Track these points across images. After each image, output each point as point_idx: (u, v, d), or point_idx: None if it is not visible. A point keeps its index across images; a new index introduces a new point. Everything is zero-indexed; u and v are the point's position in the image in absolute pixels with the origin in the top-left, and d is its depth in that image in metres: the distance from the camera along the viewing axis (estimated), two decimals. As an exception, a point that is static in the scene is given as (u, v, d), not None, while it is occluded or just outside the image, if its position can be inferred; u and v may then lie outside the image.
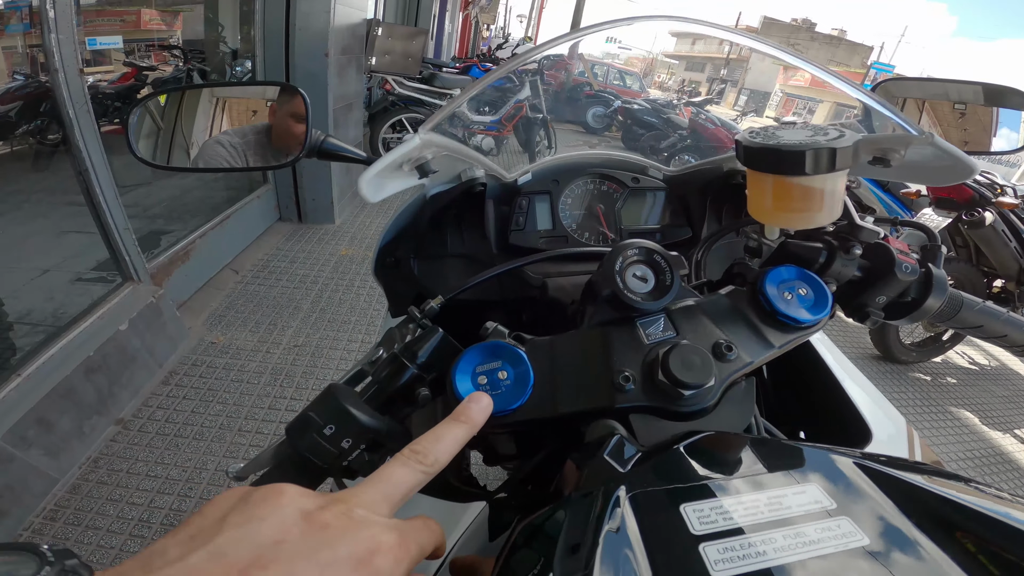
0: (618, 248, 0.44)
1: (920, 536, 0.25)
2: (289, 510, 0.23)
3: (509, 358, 0.40)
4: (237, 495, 0.25)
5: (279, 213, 3.58)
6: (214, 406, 1.94)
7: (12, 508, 1.43)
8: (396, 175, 0.58)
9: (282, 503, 0.24)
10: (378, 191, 0.55)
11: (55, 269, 2.17)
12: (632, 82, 10.21)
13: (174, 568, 0.20)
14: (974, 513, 0.27)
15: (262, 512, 0.23)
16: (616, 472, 0.32)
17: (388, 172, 0.55)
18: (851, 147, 0.41)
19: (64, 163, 1.81)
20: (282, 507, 0.23)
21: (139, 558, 0.21)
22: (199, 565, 0.20)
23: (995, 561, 0.24)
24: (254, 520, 0.23)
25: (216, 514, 0.23)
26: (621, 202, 0.75)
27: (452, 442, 0.31)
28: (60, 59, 1.60)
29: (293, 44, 3.08)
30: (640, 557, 0.25)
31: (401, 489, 0.28)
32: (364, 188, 0.52)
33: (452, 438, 0.31)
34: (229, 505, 0.24)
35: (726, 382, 0.39)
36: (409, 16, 7.73)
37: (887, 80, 1.18)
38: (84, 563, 0.20)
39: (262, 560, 0.21)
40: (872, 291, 0.51)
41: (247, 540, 0.22)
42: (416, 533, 0.26)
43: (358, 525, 0.24)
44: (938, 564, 0.24)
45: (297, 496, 0.25)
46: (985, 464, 2.40)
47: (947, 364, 3.21)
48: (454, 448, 0.31)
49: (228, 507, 0.24)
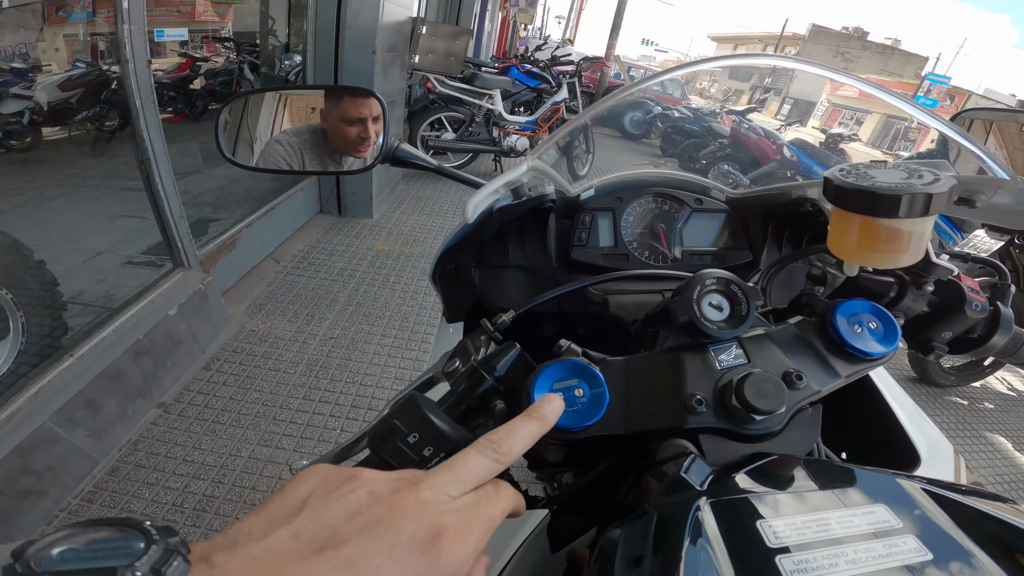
0: (697, 277, 0.45)
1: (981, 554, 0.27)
2: (362, 492, 0.25)
3: (586, 377, 0.41)
4: (319, 476, 0.26)
5: (320, 206, 3.64)
6: (251, 394, 1.98)
7: (52, 489, 1.46)
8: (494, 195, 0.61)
9: (356, 485, 0.25)
10: (477, 211, 0.58)
11: (108, 252, 2.26)
12: (673, 88, 10.06)
13: (257, 545, 0.22)
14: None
15: (339, 493, 0.25)
16: (694, 488, 0.34)
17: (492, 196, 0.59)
18: (947, 193, 0.40)
19: (120, 149, 1.88)
20: (356, 489, 0.25)
21: (227, 535, 0.23)
22: (279, 544, 0.22)
23: None
24: (331, 502, 0.24)
25: (298, 494, 0.25)
26: (682, 222, 0.75)
27: (526, 436, 0.32)
28: (131, 49, 1.64)
29: (343, 40, 3.12)
30: (724, 565, 0.27)
31: (474, 474, 0.28)
32: (470, 211, 0.56)
33: (526, 433, 0.32)
34: (310, 487, 0.25)
35: (793, 408, 0.40)
36: (451, 15, 7.80)
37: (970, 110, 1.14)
38: (183, 541, 0.21)
39: (335, 540, 0.22)
40: (939, 326, 0.53)
41: (322, 521, 0.23)
42: (484, 507, 0.27)
43: (424, 507, 0.24)
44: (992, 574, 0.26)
45: (371, 479, 0.26)
46: (1015, 489, 2.36)
47: (985, 389, 3.13)
48: (527, 443, 0.32)
49: (309, 489, 0.25)
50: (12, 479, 1.35)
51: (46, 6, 2.12)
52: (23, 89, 2.15)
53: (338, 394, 2.04)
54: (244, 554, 0.21)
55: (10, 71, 2.09)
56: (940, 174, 0.42)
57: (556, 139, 0.61)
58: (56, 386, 1.49)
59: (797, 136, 6.56)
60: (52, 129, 2.45)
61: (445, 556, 0.23)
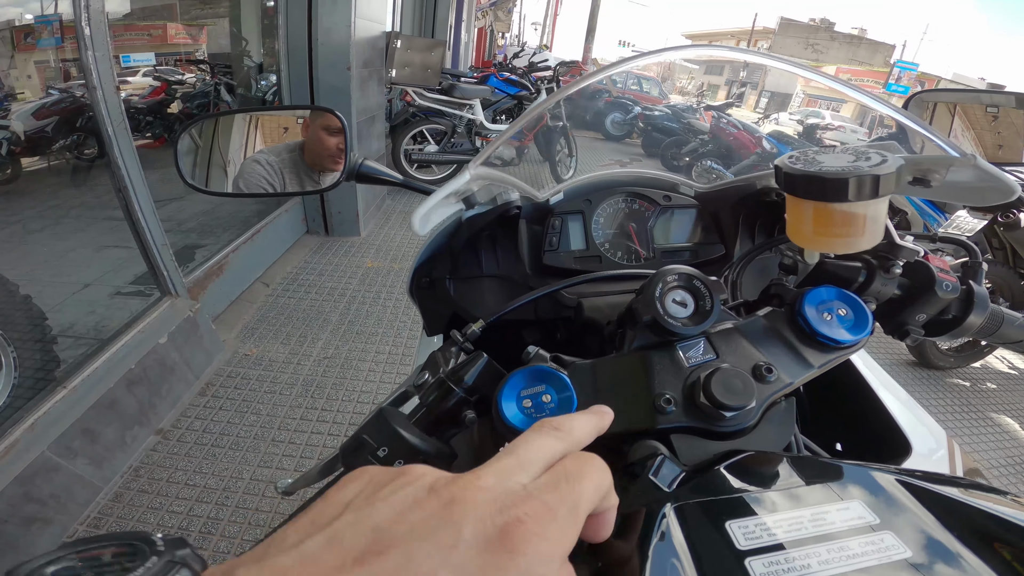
0: (658, 274, 0.45)
1: (961, 547, 0.26)
2: (412, 488, 0.21)
3: (553, 383, 0.41)
4: (366, 478, 0.23)
5: (306, 226, 3.64)
6: (248, 416, 1.98)
7: (57, 516, 1.47)
8: (442, 206, 0.60)
9: (407, 480, 0.22)
10: (426, 223, 0.57)
11: (95, 283, 2.24)
12: (650, 87, 10.16)
13: (288, 556, 0.19)
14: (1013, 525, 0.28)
15: (387, 491, 0.21)
16: (662, 491, 0.33)
17: (439, 206, 0.57)
18: (893, 173, 0.41)
19: (101, 178, 1.85)
20: (405, 486, 0.21)
21: (260, 546, 0.20)
22: (313, 552, 0.19)
23: None
24: (377, 502, 0.21)
25: (341, 497, 0.22)
26: (653, 220, 0.75)
27: (586, 423, 0.28)
28: (98, 76, 1.63)
29: (316, 58, 3.13)
30: (689, 571, 0.26)
31: (540, 454, 0.24)
32: (416, 223, 0.54)
33: (586, 420, 0.28)
34: (356, 488, 0.22)
35: (766, 403, 0.39)
36: (426, 28, 7.82)
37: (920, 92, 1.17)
38: (196, 554, 0.20)
39: (379, 545, 0.19)
40: (912, 309, 0.52)
41: (365, 523, 0.19)
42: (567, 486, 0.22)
43: (489, 498, 0.20)
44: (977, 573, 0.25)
45: (424, 472, 0.22)
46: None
47: (986, 369, 3.13)
48: (590, 430, 0.28)
49: (355, 490, 0.22)
50: (16, 507, 1.36)
51: (14, 32, 2.10)
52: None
53: (335, 412, 2.04)
54: (271, 565, 0.18)
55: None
56: (888, 155, 0.42)
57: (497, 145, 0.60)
58: (52, 417, 1.49)
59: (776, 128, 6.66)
60: (31, 159, 2.41)
61: (523, 554, 0.19)
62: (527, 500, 0.20)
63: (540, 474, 0.23)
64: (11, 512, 1.35)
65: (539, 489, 0.21)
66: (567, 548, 0.21)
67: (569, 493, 0.22)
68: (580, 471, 0.23)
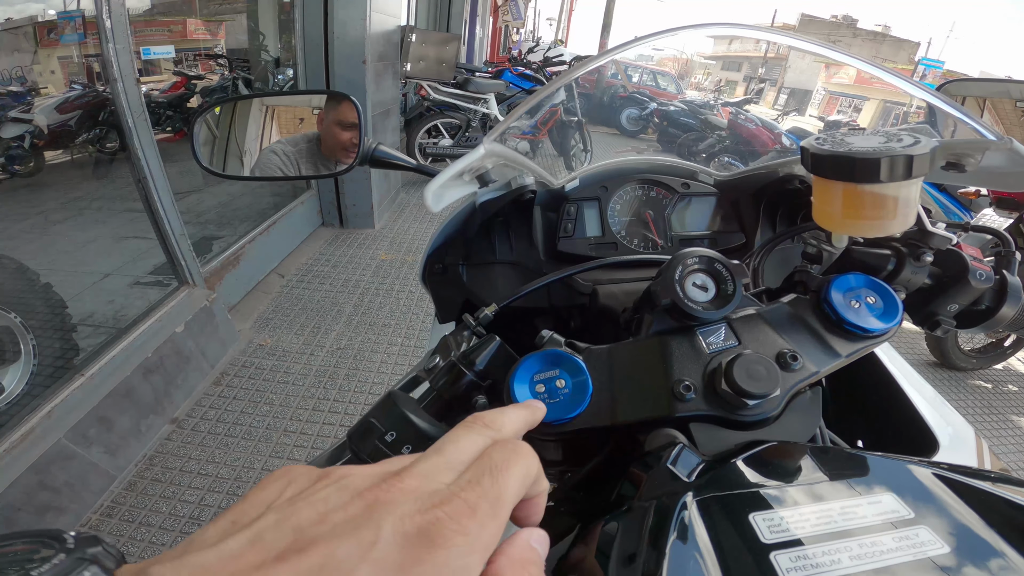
0: (678, 257, 0.43)
1: (1002, 543, 0.25)
2: (335, 490, 0.21)
3: (568, 367, 0.40)
4: (288, 476, 0.23)
5: (322, 218, 3.66)
6: (262, 407, 1.99)
7: (71, 504, 1.49)
8: (456, 184, 0.59)
9: (329, 482, 0.22)
10: (439, 200, 0.56)
11: (115, 273, 2.27)
12: (666, 83, 10.05)
13: (207, 553, 0.18)
14: None
15: (309, 492, 0.22)
16: (681, 481, 0.31)
17: (451, 182, 0.56)
18: (928, 154, 0.39)
19: (121, 170, 1.89)
20: (329, 485, 0.22)
21: (180, 545, 0.20)
22: (234, 550, 0.19)
23: None
24: (299, 503, 0.21)
25: (263, 498, 0.22)
26: (671, 208, 0.74)
27: (516, 418, 0.28)
28: (118, 69, 1.66)
29: (332, 52, 3.14)
30: (710, 564, 0.25)
31: (466, 453, 0.24)
32: (429, 198, 0.54)
33: (516, 415, 0.29)
34: (278, 488, 0.23)
35: (790, 392, 0.38)
36: (440, 22, 7.83)
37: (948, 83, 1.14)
38: (110, 551, 0.19)
39: (300, 543, 0.19)
40: (943, 299, 0.50)
41: (287, 523, 0.20)
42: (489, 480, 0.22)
43: (410, 498, 0.21)
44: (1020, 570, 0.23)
45: (346, 474, 0.23)
46: (1051, 477, 2.28)
47: (1008, 371, 3.05)
48: (520, 425, 0.29)
49: (276, 492, 0.22)
50: (30, 495, 1.38)
51: (37, 28, 2.14)
52: (21, 112, 2.17)
53: (347, 403, 2.05)
54: (190, 563, 0.18)
55: (7, 94, 2.11)
56: (921, 137, 0.41)
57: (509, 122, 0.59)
58: (69, 405, 1.51)
59: (795, 125, 6.55)
60: (54, 152, 2.47)
61: (442, 548, 0.19)
62: (448, 500, 0.21)
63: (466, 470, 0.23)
64: (26, 500, 1.37)
65: (461, 487, 0.21)
66: (488, 542, 0.21)
67: (492, 487, 0.22)
68: (505, 462, 0.23)
